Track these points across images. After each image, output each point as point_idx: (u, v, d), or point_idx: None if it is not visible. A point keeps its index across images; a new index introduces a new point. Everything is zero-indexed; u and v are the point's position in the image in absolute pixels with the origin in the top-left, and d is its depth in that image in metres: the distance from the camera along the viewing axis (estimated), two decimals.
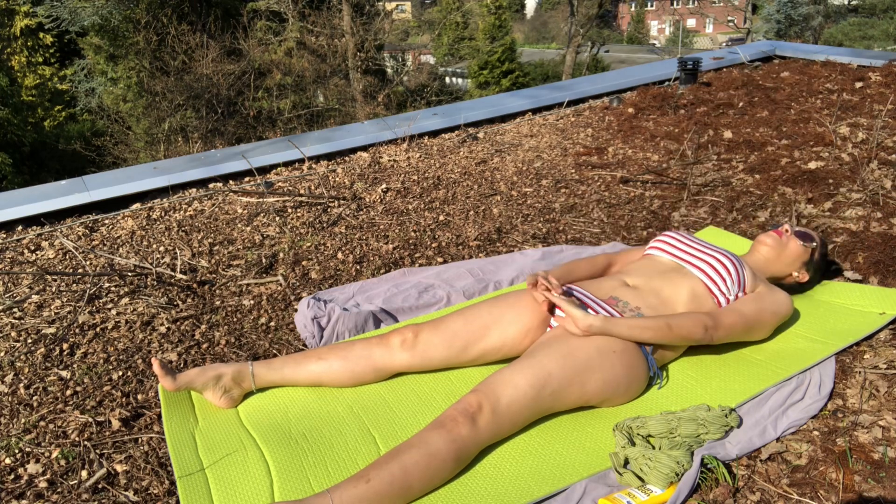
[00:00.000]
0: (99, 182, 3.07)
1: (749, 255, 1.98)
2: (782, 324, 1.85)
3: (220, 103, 10.79)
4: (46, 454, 1.54)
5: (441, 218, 2.77)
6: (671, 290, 1.74)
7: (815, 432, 1.49)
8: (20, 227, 2.80)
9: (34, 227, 2.79)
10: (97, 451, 1.55)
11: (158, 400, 1.72)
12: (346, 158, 3.50)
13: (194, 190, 3.14)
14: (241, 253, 2.53)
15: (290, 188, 3.12)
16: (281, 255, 2.50)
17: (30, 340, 1.99)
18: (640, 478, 1.36)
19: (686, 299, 1.73)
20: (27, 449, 1.56)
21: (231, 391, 1.66)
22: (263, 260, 2.45)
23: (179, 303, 2.20)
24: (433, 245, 2.54)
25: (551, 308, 1.70)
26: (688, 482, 1.33)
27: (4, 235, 2.73)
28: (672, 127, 3.65)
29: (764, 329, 1.76)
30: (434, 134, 3.85)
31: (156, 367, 1.58)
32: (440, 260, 2.44)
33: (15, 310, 2.16)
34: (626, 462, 1.40)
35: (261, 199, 2.99)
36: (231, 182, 3.23)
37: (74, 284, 2.31)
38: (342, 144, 3.56)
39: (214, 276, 2.37)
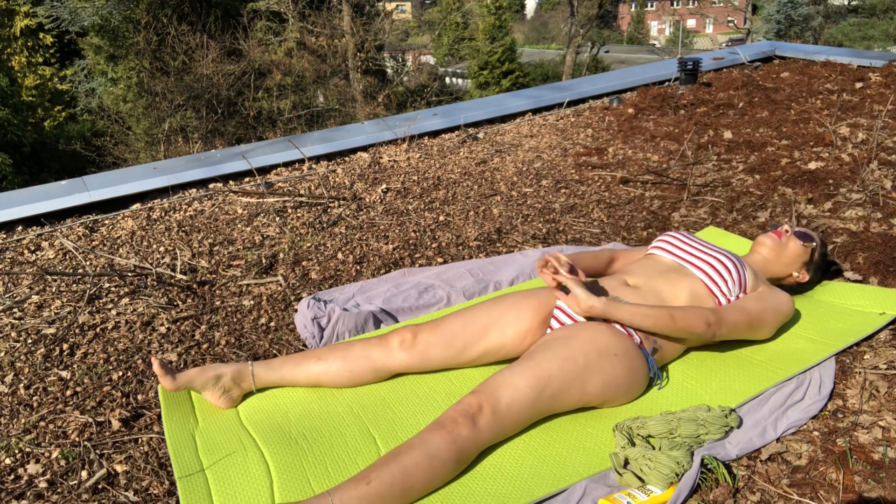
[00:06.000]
0: (99, 182, 3.07)
1: (749, 256, 1.98)
2: (783, 324, 1.85)
3: (220, 103, 10.80)
4: (46, 454, 1.54)
5: (441, 218, 2.77)
6: (671, 291, 1.74)
7: (815, 433, 1.49)
8: (20, 228, 2.79)
9: (34, 228, 2.79)
10: (97, 451, 1.55)
11: (158, 400, 1.72)
12: (346, 159, 3.50)
13: (194, 190, 3.14)
14: (241, 253, 2.53)
15: (290, 188, 3.12)
16: (281, 255, 2.50)
17: (30, 340, 1.99)
18: (640, 478, 1.36)
19: (686, 300, 1.73)
20: (27, 449, 1.56)
21: (230, 391, 1.66)
22: (263, 260, 2.45)
23: (179, 303, 2.20)
24: (433, 245, 2.54)
25: (560, 286, 1.68)
26: (688, 482, 1.33)
27: (4, 235, 2.73)
28: (672, 127, 3.65)
29: (766, 328, 1.75)
30: (434, 134, 3.85)
31: (155, 367, 1.58)
32: (440, 260, 2.44)
33: (15, 310, 2.16)
34: (626, 462, 1.40)
35: (261, 200, 2.99)
36: (231, 182, 3.23)
37: (74, 284, 2.31)
38: (342, 145, 3.56)
39: (214, 276, 2.37)
